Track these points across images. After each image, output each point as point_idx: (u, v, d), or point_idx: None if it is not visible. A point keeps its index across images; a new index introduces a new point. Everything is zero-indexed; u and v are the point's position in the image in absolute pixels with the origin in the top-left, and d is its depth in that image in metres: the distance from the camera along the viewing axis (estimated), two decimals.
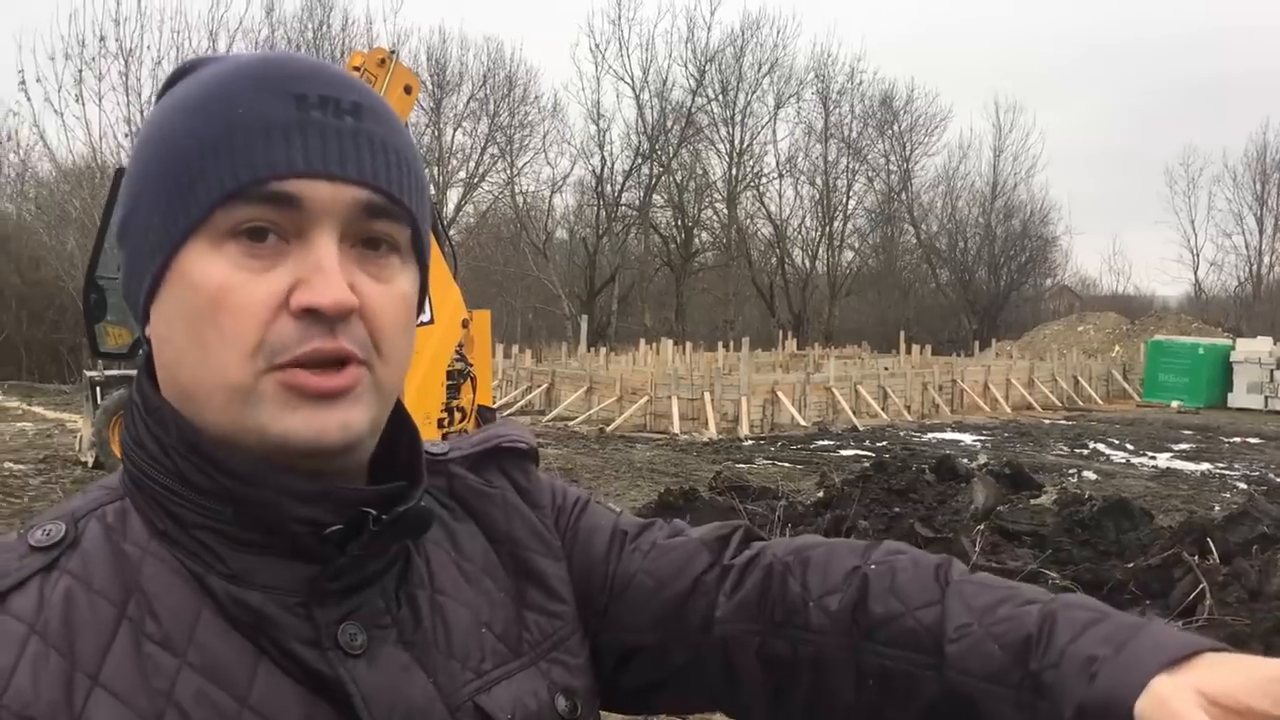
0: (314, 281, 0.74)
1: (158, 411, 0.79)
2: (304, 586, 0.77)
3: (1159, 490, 12.71)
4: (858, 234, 46.00)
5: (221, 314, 0.74)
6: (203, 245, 0.75)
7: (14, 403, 20.43)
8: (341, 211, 0.76)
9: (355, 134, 0.77)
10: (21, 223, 30.66)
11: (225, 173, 0.74)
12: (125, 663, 0.72)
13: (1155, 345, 26.87)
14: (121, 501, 0.79)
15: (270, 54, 0.82)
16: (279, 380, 0.75)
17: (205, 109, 0.76)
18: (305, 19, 33.73)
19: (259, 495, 0.76)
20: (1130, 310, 43.47)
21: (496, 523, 0.94)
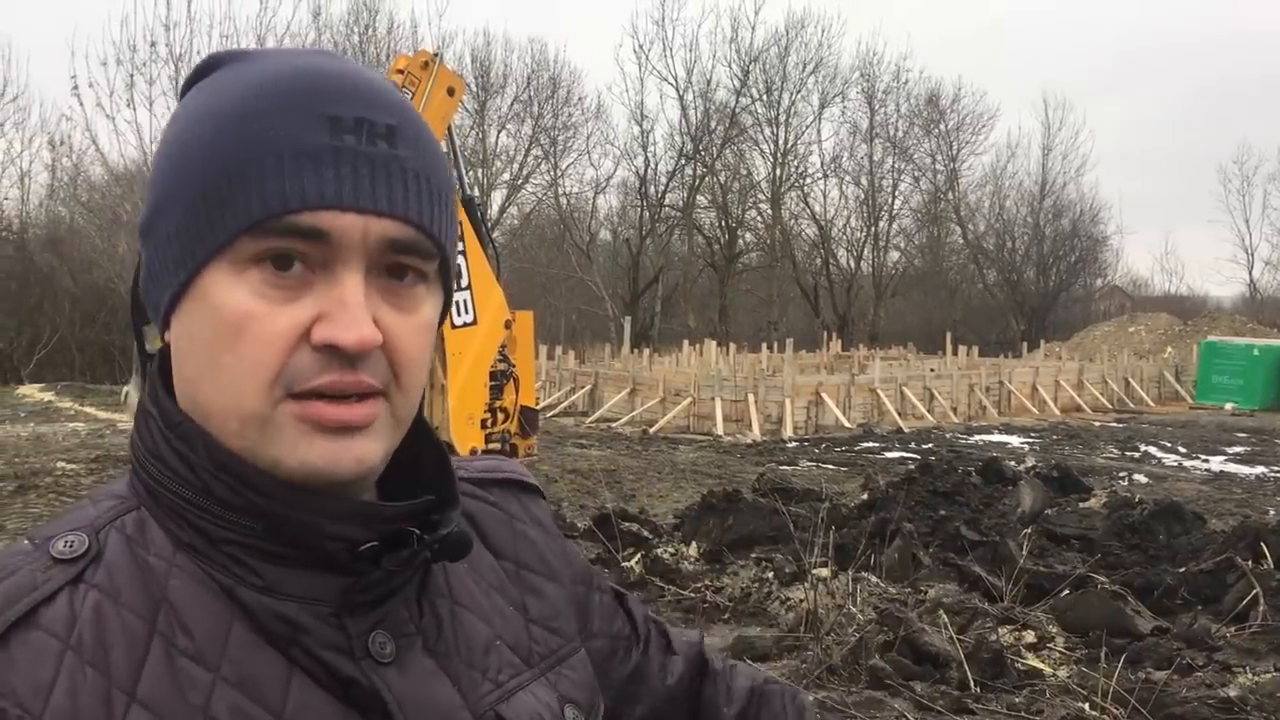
0: (338, 317, 0.73)
1: (180, 427, 0.78)
2: (336, 597, 0.77)
3: (1212, 494, 12.49)
4: (903, 234, 45.68)
5: (242, 341, 0.73)
6: (226, 269, 0.74)
7: (67, 403, 20.77)
8: (370, 245, 0.74)
9: (388, 163, 0.75)
10: (74, 226, 31.22)
11: (253, 201, 0.73)
12: (160, 678, 0.72)
13: (1209, 346, 26.40)
14: (138, 511, 0.78)
15: (305, 61, 0.78)
16: (295, 412, 0.74)
17: (234, 125, 0.74)
18: (351, 23, 34.09)
19: (294, 515, 0.75)
20: (1183, 311, 42.82)
21: (503, 541, 0.95)
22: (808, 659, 5.83)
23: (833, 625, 5.98)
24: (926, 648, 5.69)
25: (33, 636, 0.70)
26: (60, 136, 31.48)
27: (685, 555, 7.87)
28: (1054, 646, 5.98)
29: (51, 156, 31.68)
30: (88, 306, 28.60)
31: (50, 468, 12.60)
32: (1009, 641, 5.92)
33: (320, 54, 0.80)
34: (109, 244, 28.12)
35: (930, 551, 7.62)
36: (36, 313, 28.70)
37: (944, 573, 7.24)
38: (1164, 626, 6.22)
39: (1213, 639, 5.98)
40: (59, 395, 22.12)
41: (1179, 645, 5.88)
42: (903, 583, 6.90)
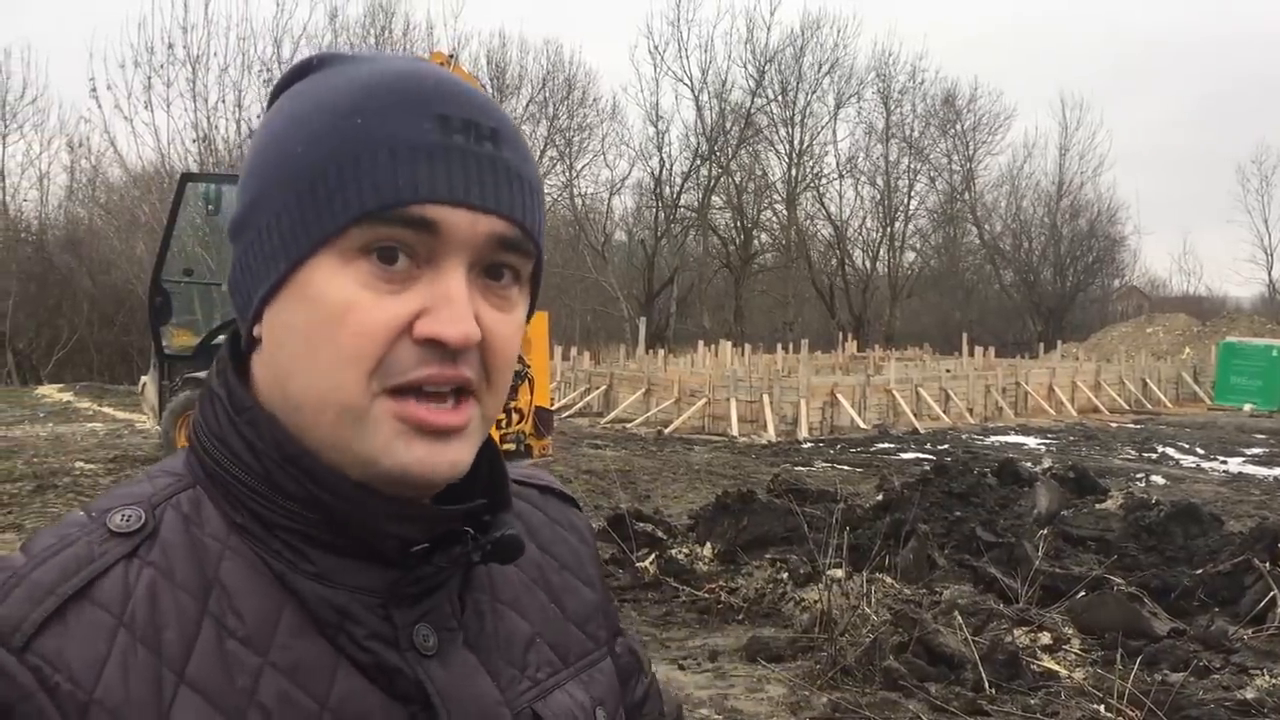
0: (441, 312, 0.73)
1: (249, 412, 0.78)
2: (384, 589, 0.78)
3: (1230, 495, 12.42)
4: (919, 235, 45.58)
5: (343, 331, 0.73)
6: (331, 259, 0.74)
7: (85, 403, 20.91)
8: (477, 242, 0.75)
9: (494, 162, 0.76)
10: (93, 227, 31.42)
11: (366, 191, 0.73)
12: (210, 661, 0.72)
13: (1227, 347, 26.25)
14: (194, 490, 0.79)
15: (410, 65, 0.79)
16: (394, 410, 0.74)
17: (344, 120, 0.75)
18: (368, 24, 34.22)
19: (354, 512, 0.76)
20: (1201, 311, 42.63)
21: (546, 540, 0.96)
22: (822, 660, 5.82)
23: (847, 626, 5.98)
24: (941, 649, 5.68)
25: (88, 611, 0.70)
26: (79, 138, 31.78)
27: (700, 556, 7.87)
28: (1070, 648, 5.96)
29: (70, 158, 31.98)
30: (106, 307, 28.77)
31: (69, 467, 12.68)
32: (1024, 643, 5.91)
33: (419, 60, 0.82)
34: (127, 245, 28.29)
35: (945, 553, 7.61)
36: (55, 313, 28.89)
37: (959, 574, 7.22)
38: (1181, 628, 6.19)
39: (1230, 641, 5.95)
40: (77, 395, 22.26)
41: (1196, 647, 5.85)
42: (918, 584, 6.88)
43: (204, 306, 12.60)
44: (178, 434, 11.86)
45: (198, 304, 12.76)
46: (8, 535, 9.35)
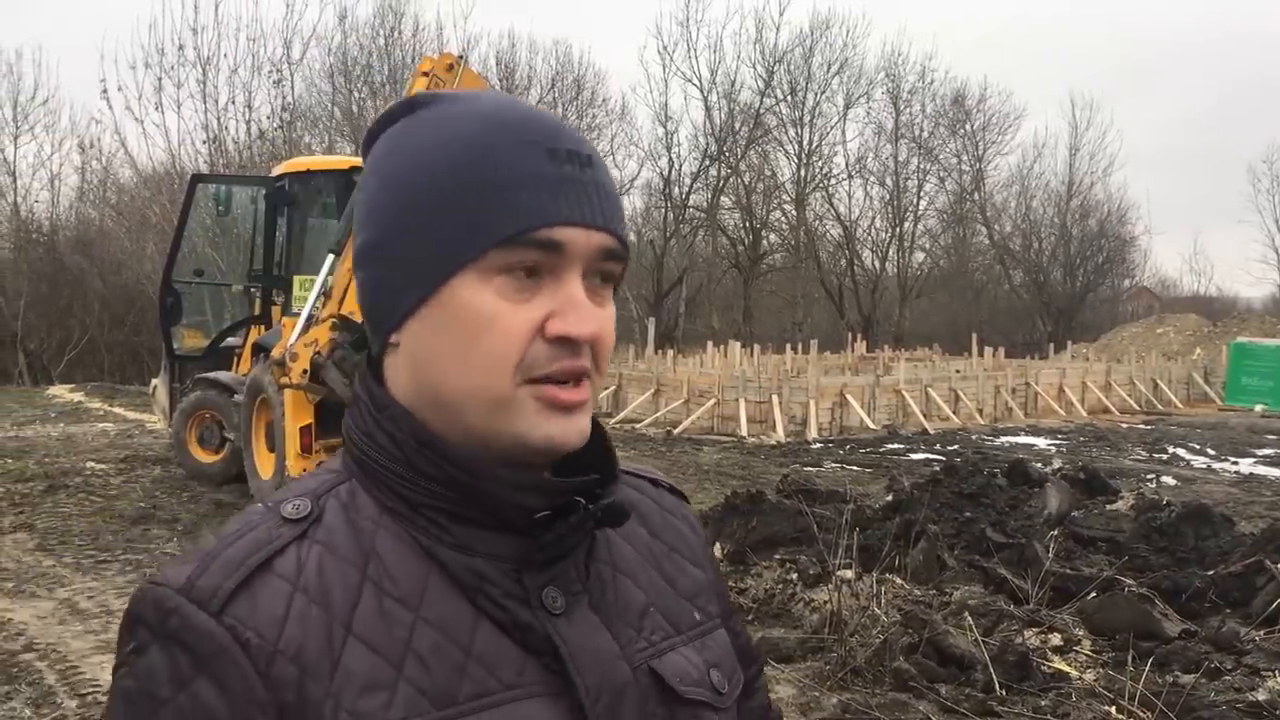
0: (568, 314, 0.88)
1: (388, 409, 0.93)
2: (516, 555, 0.91)
3: (1241, 496, 12.38)
4: (929, 235, 45.48)
5: (490, 336, 0.88)
6: (473, 277, 0.88)
7: (96, 404, 20.98)
8: (590, 254, 0.90)
9: (595, 186, 0.91)
10: (104, 228, 31.52)
11: (505, 219, 0.87)
12: (371, 617, 0.86)
13: (1238, 348, 26.16)
14: (350, 482, 0.93)
15: (511, 104, 0.94)
16: (534, 394, 0.89)
17: (472, 157, 0.89)
18: (377, 25, 34.29)
19: (483, 485, 0.89)
20: (1212, 312, 42.44)
21: (656, 526, 1.10)
22: (832, 661, 5.82)
23: (857, 627, 5.97)
24: (951, 650, 5.67)
25: (270, 581, 0.85)
26: (90, 139, 31.90)
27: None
28: (1080, 649, 5.94)
29: (81, 159, 32.07)
30: (117, 308, 28.86)
31: (80, 467, 12.73)
32: (1035, 644, 5.89)
33: (513, 98, 0.98)
34: (138, 246, 28.39)
35: (955, 553, 7.59)
36: (66, 314, 29.00)
37: (969, 575, 7.21)
38: (1192, 630, 6.17)
39: (1241, 642, 5.92)
40: (88, 396, 22.34)
41: (1207, 649, 5.83)
42: (928, 585, 6.87)
43: (214, 307, 12.65)
44: (188, 434, 11.91)
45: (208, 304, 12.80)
46: (20, 535, 9.39)
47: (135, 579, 7.96)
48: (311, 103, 33.31)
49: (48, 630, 6.76)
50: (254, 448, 10.43)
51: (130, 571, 8.16)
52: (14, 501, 10.76)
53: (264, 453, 10.36)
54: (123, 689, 0.83)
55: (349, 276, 9.28)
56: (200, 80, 29.83)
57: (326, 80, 33.48)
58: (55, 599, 7.45)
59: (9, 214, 31.24)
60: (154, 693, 0.82)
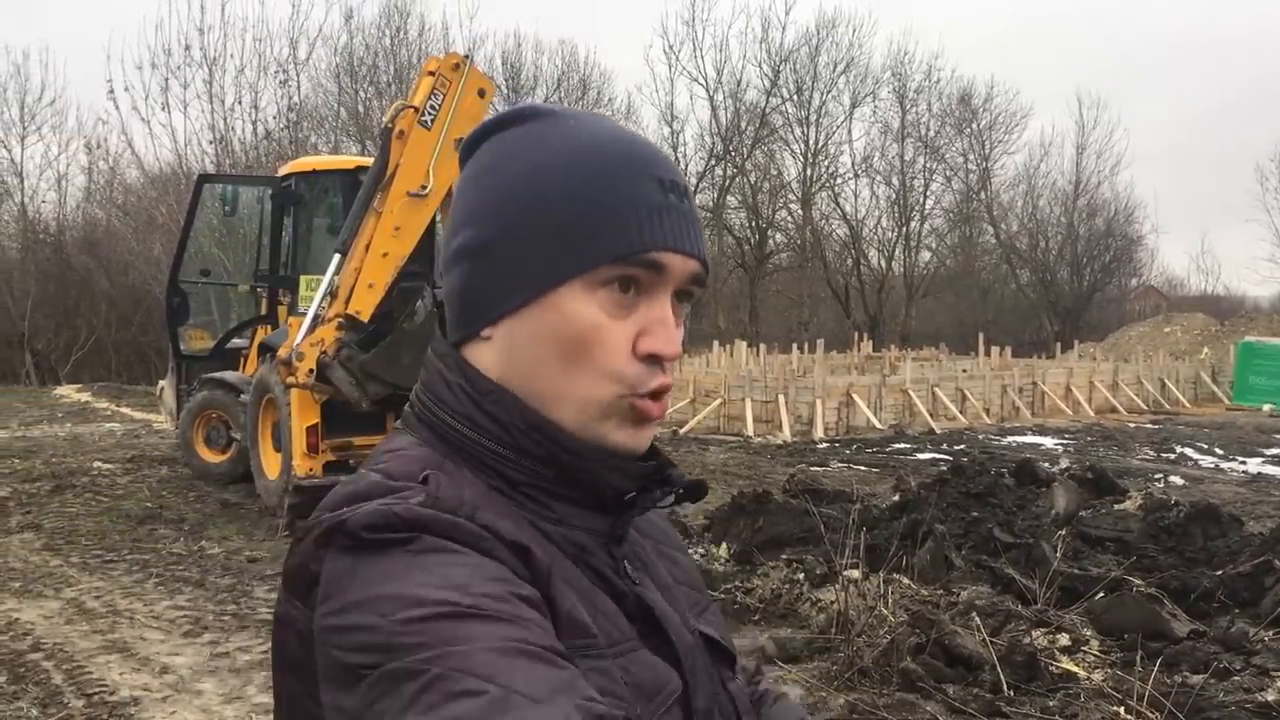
0: (658, 334, 0.97)
1: (492, 394, 0.99)
2: (606, 529, 1.01)
3: (1249, 496, 12.34)
4: (935, 234, 45.38)
5: (594, 347, 0.96)
6: (579, 288, 0.96)
7: (103, 404, 21.03)
8: (683, 278, 0.99)
9: (691, 216, 1.00)
10: (110, 228, 31.54)
11: (619, 239, 0.95)
12: (537, 561, 0.91)
13: (1246, 347, 26.09)
14: (447, 462, 0.97)
15: (618, 130, 1.03)
16: (634, 404, 0.98)
17: (593, 177, 0.97)
18: (383, 25, 34.32)
19: (586, 465, 0.98)
20: (1219, 311, 42.36)
21: (639, 523, 1.13)
22: (838, 661, 5.80)
23: (864, 627, 5.96)
24: (959, 650, 5.66)
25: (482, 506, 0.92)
26: (97, 140, 31.93)
27: (715, 556, 7.86)
28: (1089, 650, 5.92)
29: (88, 159, 32.11)
30: (124, 308, 28.90)
31: (87, 467, 12.75)
32: (1043, 644, 5.87)
33: (609, 119, 1.07)
34: (145, 246, 28.40)
35: (963, 553, 7.57)
36: (74, 314, 29.04)
37: (977, 575, 7.19)
38: (1200, 630, 6.15)
39: (1250, 643, 5.90)
40: (95, 396, 22.39)
41: (1216, 649, 5.81)
42: (935, 585, 6.86)
43: (221, 307, 12.65)
44: (195, 434, 11.92)
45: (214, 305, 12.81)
46: (27, 535, 9.41)
47: (141, 579, 7.97)
48: (318, 103, 33.35)
49: (54, 630, 6.77)
50: (260, 447, 10.44)
51: (137, 571, 8.17)
52: (21, 501, 10.78)
53: (270, 452, 10.37)
54: (407, 563, 0.84)
55: (355, 276, 9.29)
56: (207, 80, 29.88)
57: (332, 80, 33.53)
58: (62, 599, 7.46)
59: (16, 214, 31.30)
60: (446, 559, 0.84)
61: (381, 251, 9.25)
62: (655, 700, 0.94)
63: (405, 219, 9.21)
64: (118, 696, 5.64)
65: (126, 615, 7.08)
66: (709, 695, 1.04)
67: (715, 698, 1.06)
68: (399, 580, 0.82)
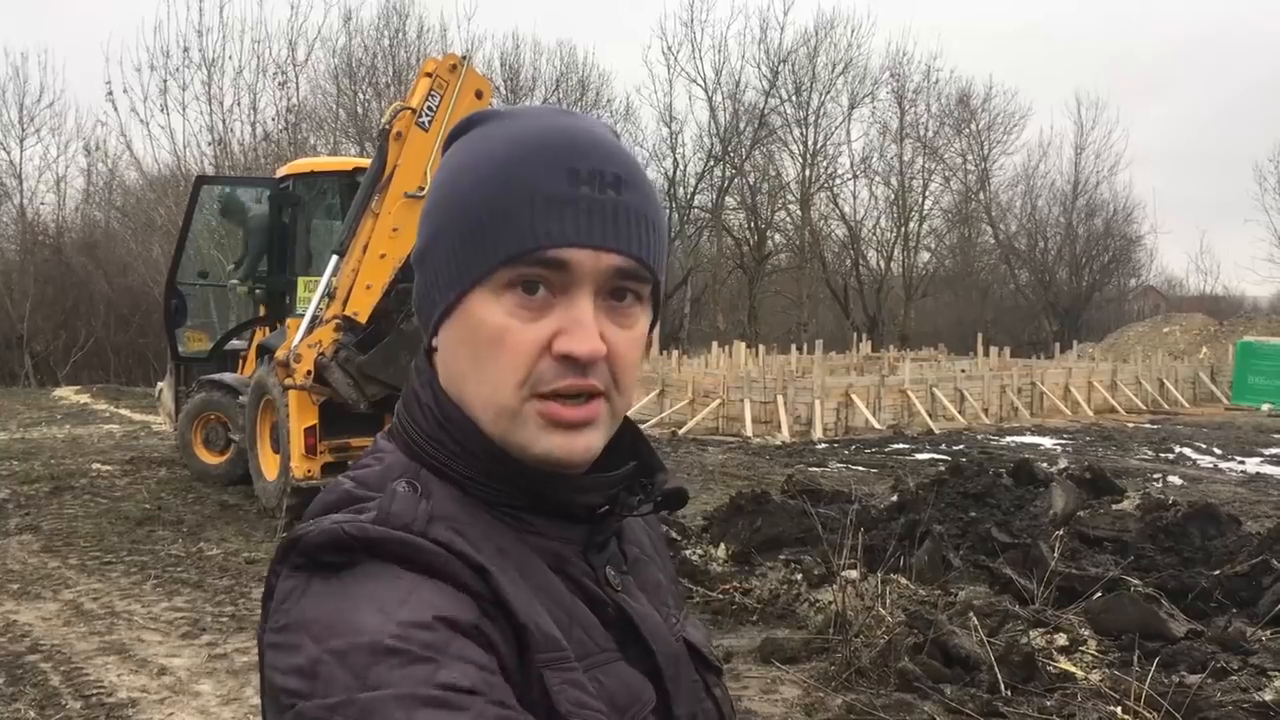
0: (573, 332, 0.92)
1: (453, 420, 0.97)
2: (582, 540, 1.00)
3: (1248, 496, 12.34)
4: (934, 234, 45.30)
5: (500, 350, 0.93)
6: (486, 292, 0.93)
7: (102, 405, 21.02)
8: (600, 274, 0.93)
9: (615, 207, 0.93)
10: (110, 230, 31.55)
11: (511, 238, 0.91)
12: (512, 572, 0.91)
13: (1245, 346, 26.09)
14: (422, 471, 0.97)
15: (552, 121, 0.97)
16: (539, 409, 0.93)
17: (494, 175, 0.93)
18: (381, 26, 34.29)
19: (549, 492, 0.96)
20: (1218, 311, 42.33)
21: (623, 528, 1.13)
22: (836, 661, 5.81)
23: (861, 627, 5.96)
24: (956, 650, 5.66)
25: (440, 524, 0.90)
26: (95, 141, 31.92)
27: (714, 557, 7.87)
28: (1086, 650, 5.93)
29: (87, 161, 32.10)
30: (123, 310, 28.89)
31: (86, 469, 12.75)
32: (1040, 644, 5.88)
33: (565, 114, 1.00)
34: (143, 248, 28.40)
35: (960, 554, 7.58)
36: (73, 316, 29.03)
37: (974, 575, 7.20)
38: (1198, 630, 6.15)
39: (1248, 642, 5.91)
40: (94, 397, 22.37)
41: (1213, 649, 5.81)
42: (933, 585, 6.86)
43: (219, 309, 12.64)
44: (194, 436, 11.92)
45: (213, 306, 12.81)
46: (25, 536, 9.41)
47: (140, 580, 7.97)
48: (316, 104, 33.32)
49: (52, 632, 6.77)
50: (259, 449, 10.44)
51: (135, 573, 8.17)
52: (20, 503, 10.78)
53: (269, 454, 10.37)
54: (347, 592, 0.84)
55: (352, 277, 9.29)
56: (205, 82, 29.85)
57: (331, 82, 33.50)
58: (60, 600, 7.46)
59: (15, 216, 31.25)
60: (390, 586, 0.84)
61: (379, 253, 9.26)
62: (628, 713, 0.94)
63: (403, 220, 9.21)
64: (115, 698, 5.64)
65: (125, 617, 7.08)
66: (690, 704, 1.04)
67: (698, 705, 1.05)
68: (335, 606, 0.83)
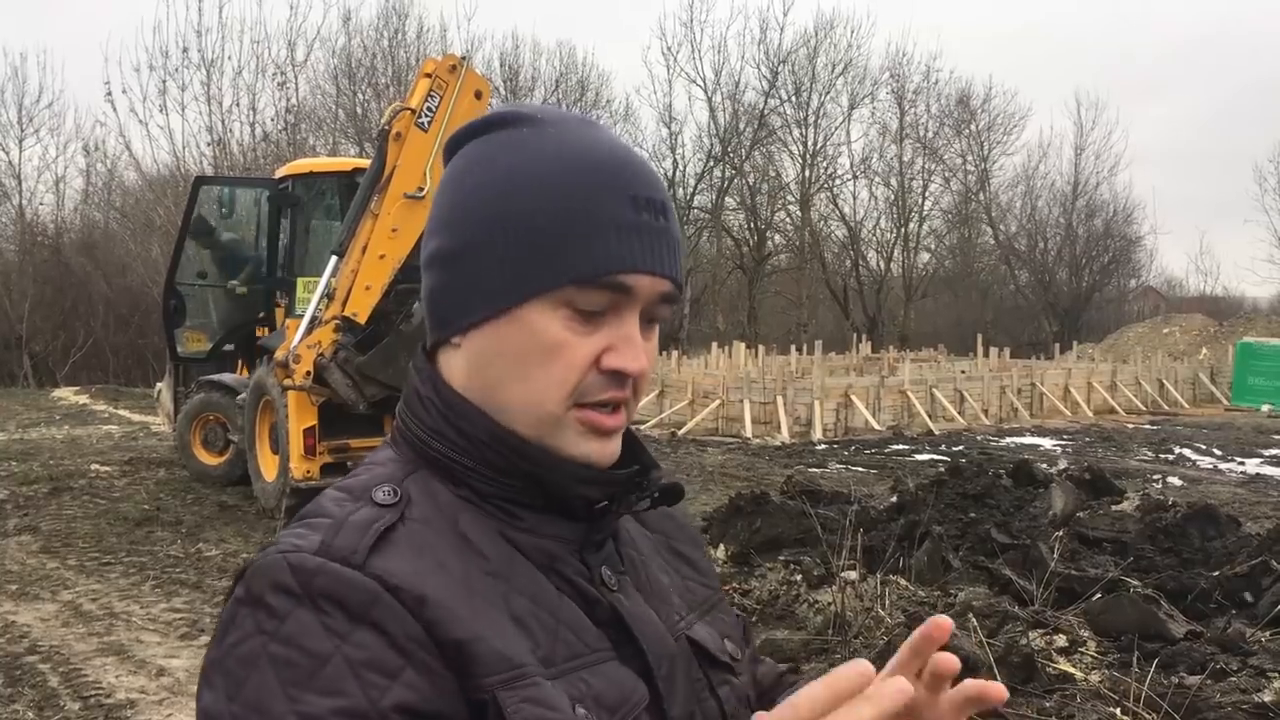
0: (624, 350, 0.97)
1: (458, 408, 1.00)
2: (579, 538, 1.02)
3: (1247, 496, 12.34)
4: (934, 235, 45.35)
5: (554, 361, 0.96)
6: (545, 305, 0.96)
7: (101, 406, 21.02)
8: (652, 298, 0.99)
9: (666, 235, 0.99)
10: (108, 230, 31.58)
11: (583, 260, 0.95)
12: (482, 583, 0.93)
13: (1244, 347, 26.09)
14: (418, 473, 1.00)
15: (596, 137, 1.01)
16: (580, 417, 0.98)
17: (556, 192, 0.96)
18: (381, 27, 34.33)
19: (551, 476, 0.99)
20: (1218, 311, 42.34)
21: (651, 517, 1.18)
22: (835, 662, 5.78)
23: (861, 628, 5.96)
24: (956, 651, 5.64)
25: (394, 545, 0.91)
26: (94, 142, 31.96)
27: (713, 557, 7.85)
28: (1085, 651, 5.92)
29: (86, 162, 32.15)
30: (121, 310, 28.91)
31: (84, 470, 12.75)
32: (1040, 645, 5.87)
33: (597, 127, 1.04)
34: (142, 248, 28.41)
35: (960, 554, 7.57)
36: (71, 316, 29.05)
37: (974, 576, 7.19)
38: (1197, 631, 6.14)
39: (1247, 643, 5.90)
40: (93, 398, 22.38)
41: (1213, 650, 5.80)
42: (932, 586, 6.85)
43: (218, 309, 12.63)
44: (193, 437, 11.91)
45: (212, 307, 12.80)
46: (24, 537, 9.41)
47: (138, 581, 7.97)
48: (315, 105, 33.34)
49: (51, 633, 6.77)
50: (258, 450, 10.44)
51: (134, 574, 8.17)
52: (19, 504, 10.78)
53: (268, 455, 10.37)
54: (271, 656, 0.84)
55: (352, 278, 9.28)
56: (204, 82, 29.88)
57: (331, 82, 33.53)
58: (59, 601, 7.45)
59: (14, 217, 31.28)
60: (313, 650, 0.84)
61: (378, 254, 9.25)
62: (618, 713, 0.95)
63: (402, 221, 9.21)
64: (114, 699, 5.64)
65: (123, 618, 7.08)
66: (688, 703, 1.04)
67: (698, 704, 1.06)
68: (249, 668, 0.85)
